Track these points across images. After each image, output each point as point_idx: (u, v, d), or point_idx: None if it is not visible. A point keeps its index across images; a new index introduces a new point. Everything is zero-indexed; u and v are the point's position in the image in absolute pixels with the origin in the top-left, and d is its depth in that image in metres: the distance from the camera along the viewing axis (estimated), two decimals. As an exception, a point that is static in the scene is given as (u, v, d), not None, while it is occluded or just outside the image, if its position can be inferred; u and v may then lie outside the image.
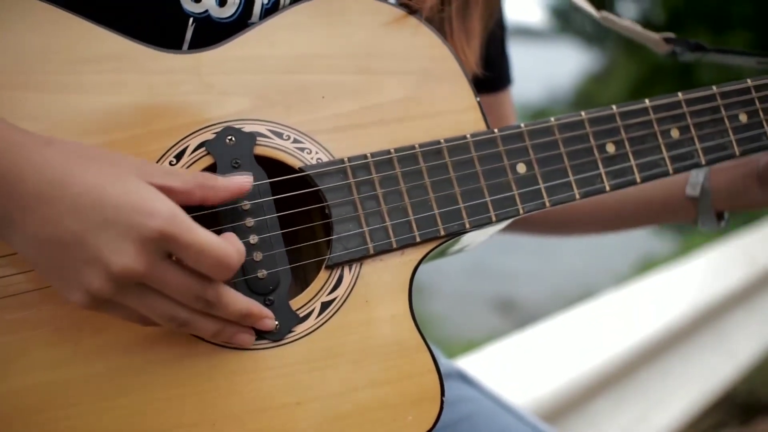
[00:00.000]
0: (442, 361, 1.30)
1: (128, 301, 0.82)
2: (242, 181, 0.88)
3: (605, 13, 1.22)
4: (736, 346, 3.55)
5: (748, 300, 3.76)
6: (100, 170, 0.81)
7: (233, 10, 1.00)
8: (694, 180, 1.22)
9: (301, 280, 0.99)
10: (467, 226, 0.99)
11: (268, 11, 1.01)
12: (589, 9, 1.20)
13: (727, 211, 1.24)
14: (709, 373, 3.32)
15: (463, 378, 1.34)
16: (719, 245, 4.13)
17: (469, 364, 2.27)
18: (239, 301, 0.86)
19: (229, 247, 0.82)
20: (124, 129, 0.91)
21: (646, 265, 6.00)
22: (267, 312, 0.89)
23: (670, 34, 1.23)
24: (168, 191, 0.82)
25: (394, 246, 0.96)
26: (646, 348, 2.88)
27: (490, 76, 1.19)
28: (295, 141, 0.96)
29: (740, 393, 4.06)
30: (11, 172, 0.79)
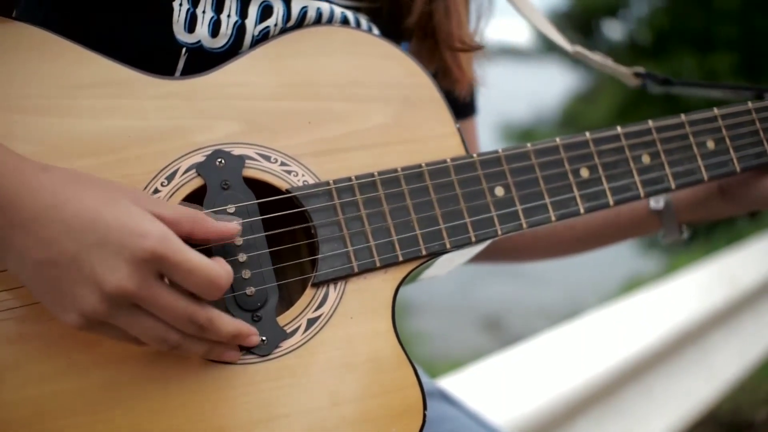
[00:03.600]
0: (424, 380, 1.31)
1: (121, 322, 0.83)
2: (231, 224, 0.89)
3: (578, 48, 1.26)
4: (718, 365, 3.57)
5: (730, 320, 3.78)
6: (94, 194, 0.83)
7: (225, 41, 1.02)
8: None
9: (285, 298, 1.01)
10: (448, 246, 1.02)
11: (258, 41, 1.03)
12: (563, 43, 1.24)
13: (688, 223, 1.26)
14: (691, 392, 3.34)
15: (444, 397, 1.35)
16: (701, 266, 4.17)
17: (453, 382, 2.29)
18: (229, 323, 0.88)
19: (219, 267, 0.84)
20: (117, 151, 0.93)
21: (633, 285, 6.01)
22: (253, 329, 0.91)
23: (640, 69, 1.27)
24: (158, 218, 0.84)
25: (378, 265, 0.98)
26: (630, 367, 2.88)
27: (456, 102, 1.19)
28: (282, 164, 0.99)
29: (725, 412, 4.07)
30: (8, 196, 0.81)
